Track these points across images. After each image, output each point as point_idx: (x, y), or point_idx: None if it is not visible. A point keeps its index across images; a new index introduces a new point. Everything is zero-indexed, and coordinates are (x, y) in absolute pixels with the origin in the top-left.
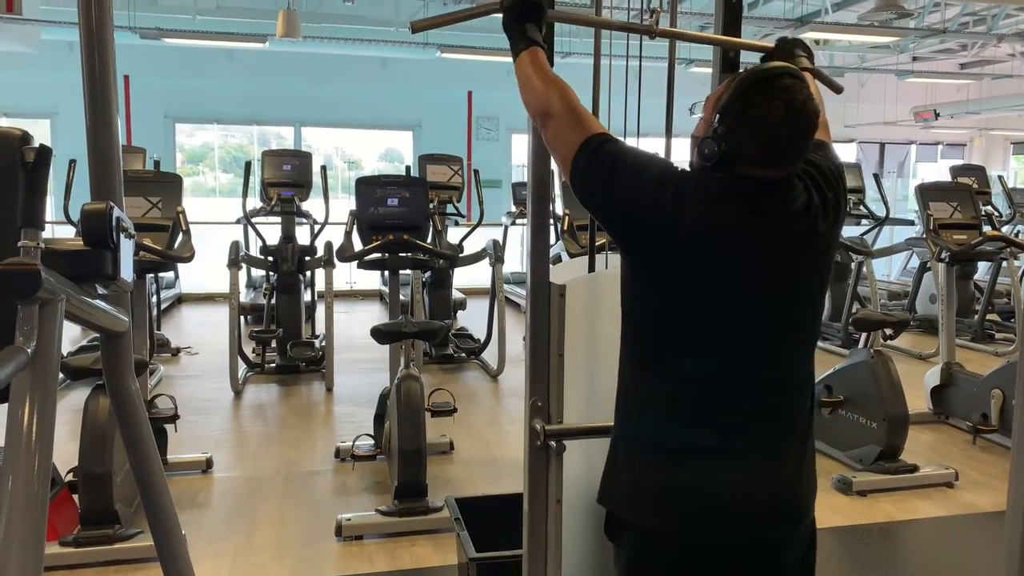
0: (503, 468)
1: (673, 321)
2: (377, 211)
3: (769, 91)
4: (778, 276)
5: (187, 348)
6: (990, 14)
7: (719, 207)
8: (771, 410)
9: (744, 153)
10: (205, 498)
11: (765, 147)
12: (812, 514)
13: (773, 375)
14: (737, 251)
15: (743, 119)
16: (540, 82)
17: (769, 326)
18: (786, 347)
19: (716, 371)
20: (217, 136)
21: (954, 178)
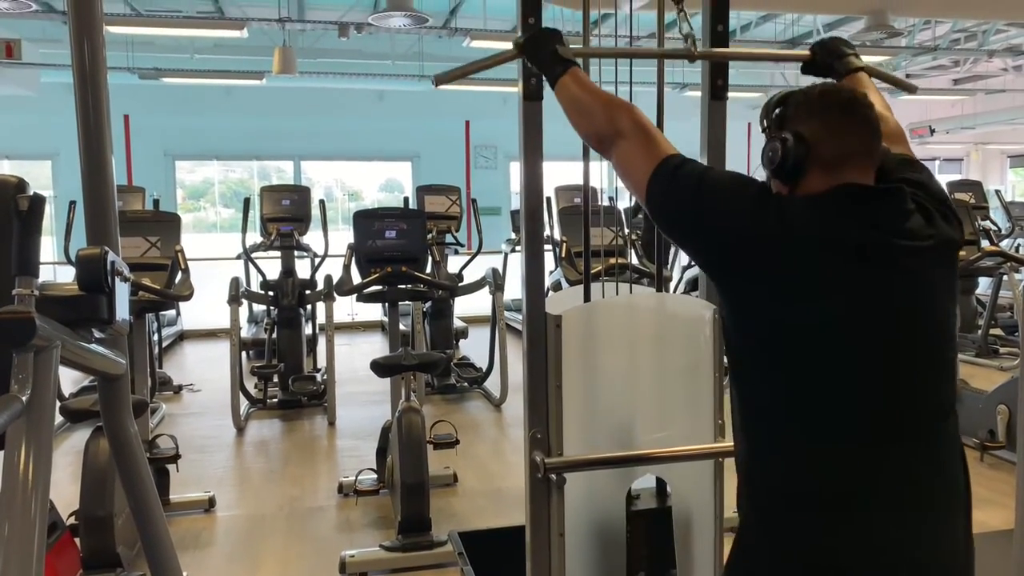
0: (508, 499)
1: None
2: (375, 244)
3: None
4: (911, 300)
5: (189, 385)
6: (980, 30)
7: (827, 219)
8: (934, 458)
9: (814, 139)
10: (208, 537)
11: (842, 122)
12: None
13: (930, 416)
14: (861, 266)
15: (808, 104)
16: (595, 103)
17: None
18: (937, 380)
19: (870, 423)
20: (217, 172)
21: (951, 194)
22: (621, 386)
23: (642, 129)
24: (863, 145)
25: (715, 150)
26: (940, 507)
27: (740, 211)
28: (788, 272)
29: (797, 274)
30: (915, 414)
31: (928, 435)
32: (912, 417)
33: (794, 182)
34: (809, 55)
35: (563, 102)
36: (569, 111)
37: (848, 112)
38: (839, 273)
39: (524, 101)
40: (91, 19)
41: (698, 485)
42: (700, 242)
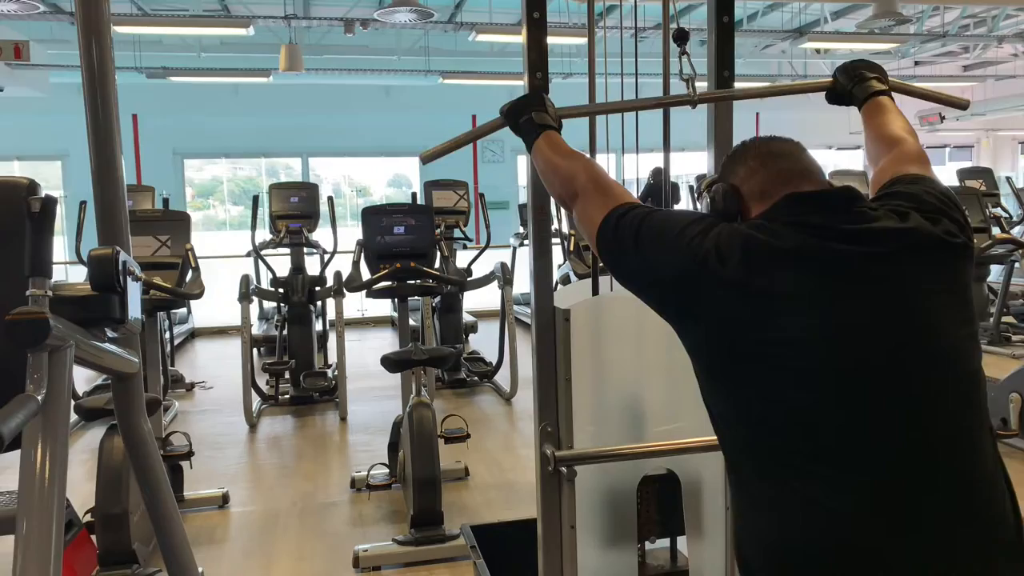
0: (519, 492)
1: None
2: (384, 240)
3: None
4: (873, 311)
5: (201, 383)
6: (990, 16)
7: (768, 229)
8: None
9: (747, 172)
10: (223, 534)
11: (760, 159)
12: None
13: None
14: (811, 276)
15: (732, 158)
16: (561, 161)
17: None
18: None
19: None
20: (226, 170)
21: (961, 181)
22: (630, 379)
23: (595, 184)
24: (792, 166)
25: (722, 142)
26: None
27: (676, 247)
28: (726, 291)
29: (734, 293)
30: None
31: (941, 479)
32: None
33: (743, 218)
34: (830, 83)
35: (537, 166)
36: (541, 174)
37: (764, 151)
38: (792, 286)
39: None
40: (99, 19)
41: (708, 476)
42: (645, 288)
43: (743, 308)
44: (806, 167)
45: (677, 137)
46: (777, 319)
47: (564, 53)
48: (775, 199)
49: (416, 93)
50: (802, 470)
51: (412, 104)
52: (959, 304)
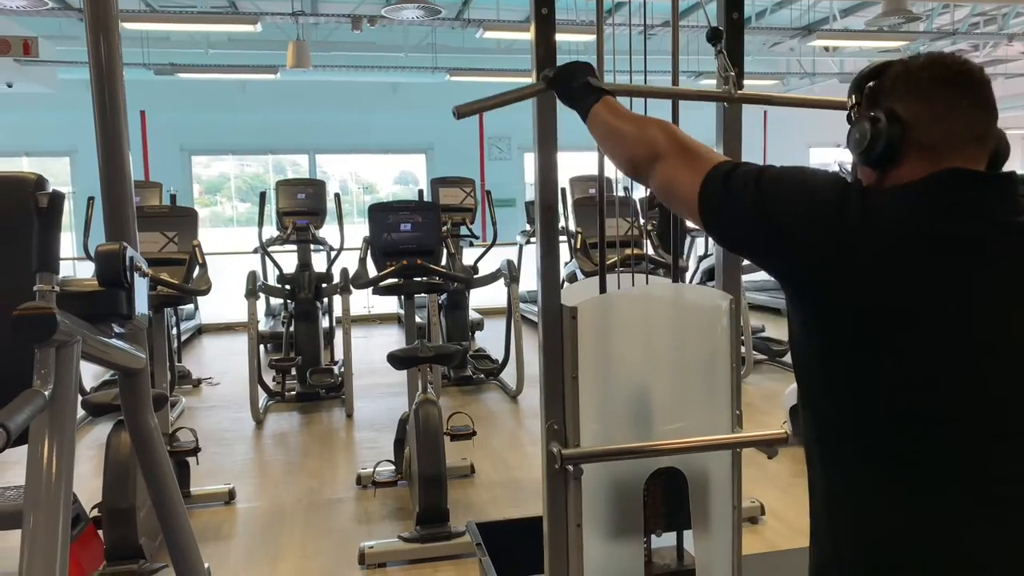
0: (525, 490)
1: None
2: (390, 237)
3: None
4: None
5: (208, 379)
6: (1000, 13)
7: (920, 209)
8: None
9: (911, 120)
10: (229, 529)
11: (949, 103)
12: None
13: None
14: (955, 261)
15: (908, 78)
16: (629, 126)
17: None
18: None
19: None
20: (233, 166)
21: None
22: (638, 377)
23: (680, 145)
24: (972, 129)
25: (731, 141)
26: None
27: (811, 207)
28: (870, 274)
29: (879, 275)
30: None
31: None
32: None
33: (885, 170)
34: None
35: (596, 133)
36: (603, 141)
37: (956, 88)
38: (929, 272)
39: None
40: (107, 16)
41: (716, 475)
42: (767, 254)
43: (866, 285)
44: (980, 130)
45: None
46: (899, 305)
47: (572, 51)
48: (933, 169)
49: (423, 90)
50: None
51: (419, 101)
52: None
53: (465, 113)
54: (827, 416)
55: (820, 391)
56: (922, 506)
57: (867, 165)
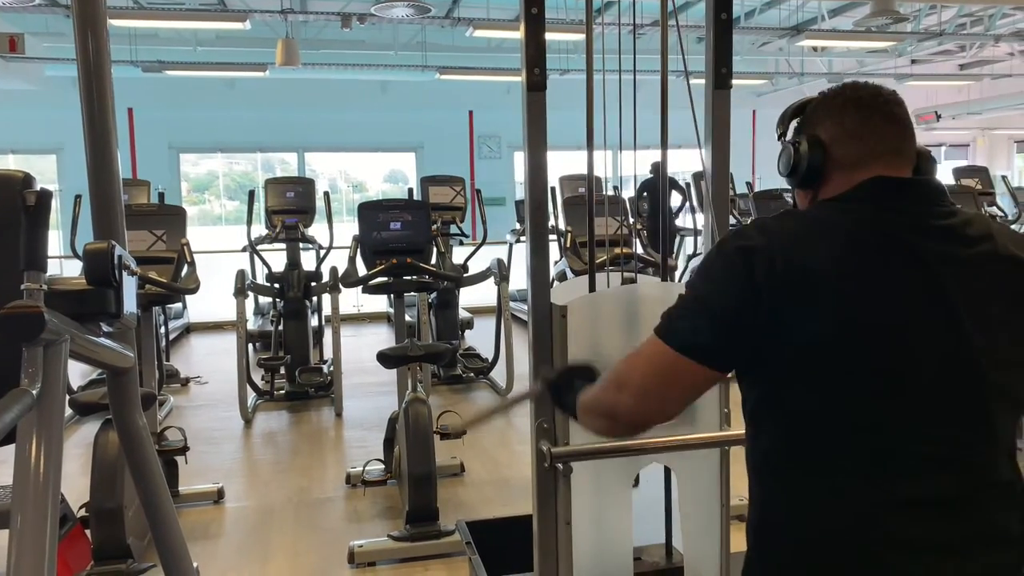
0: (515, 488)
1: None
2: (380, 235)
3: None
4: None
5: (196, 378)
6: (987, 14)
7: (846, 214)
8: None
9: (831, 140)
10: (217, 529)
11: (862, 120)
12: None
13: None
14: (881, 262)
15: (824, 106)
16: (602, 397)
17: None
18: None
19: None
20: (221, 164)
21: (957, 180)
22: None
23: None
24: (887, 143)
25: (719, 139)
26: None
27: (727, 281)
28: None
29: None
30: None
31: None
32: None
33: (815, 189)
34: None
35: (586, 426)
36: (593, 429)
37: (867, 108)
38: (860, 272)
39: (528, 92)
40: (95, 12)
41: (704, 473)
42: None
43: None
44: (896, 144)
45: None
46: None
47: (561, 49)
48: (864, 176)
49: (413, 88)
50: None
51: (409, 99)
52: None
53: (463, 431)
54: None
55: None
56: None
57: (798, 187)
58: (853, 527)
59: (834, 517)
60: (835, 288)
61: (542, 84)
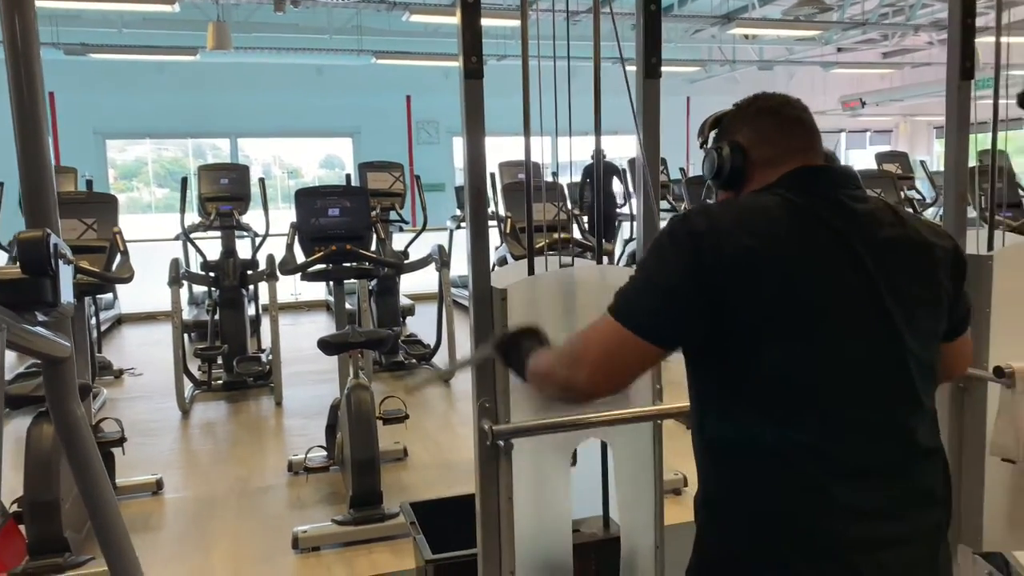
0: (458, 471)
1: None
2: (318, 222)
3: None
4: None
5: (130, 370)
6: (907, 4)
7: (773, 200)
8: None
9: (749, 145)
10: (158, 520)
11: (774, 126)
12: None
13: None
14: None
15: (739, 114)
16: (557, 370)
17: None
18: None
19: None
20: (150, 151)
21: (879, 165)
22: None
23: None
24: (797, 142)
25: (650, 127)
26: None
27: (674, 263)
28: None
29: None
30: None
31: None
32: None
33: (737, 190)
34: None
35: (536, 389)
36: (540, 390)
37: (778, 114)
38: (790, 253)
39: (465, 80)
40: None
41: (638, 447)
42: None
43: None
44: (807, 143)
45: (609, 121)
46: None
47: (499, 35)
48: (784, 170)
49: (349, 73)
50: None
51: (345, 84)
52: (928, 313)
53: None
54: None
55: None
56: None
57: (723, 188)
58: (800, 497)
59: (782, 489)
60: (775, 266)
61: (479, 72)
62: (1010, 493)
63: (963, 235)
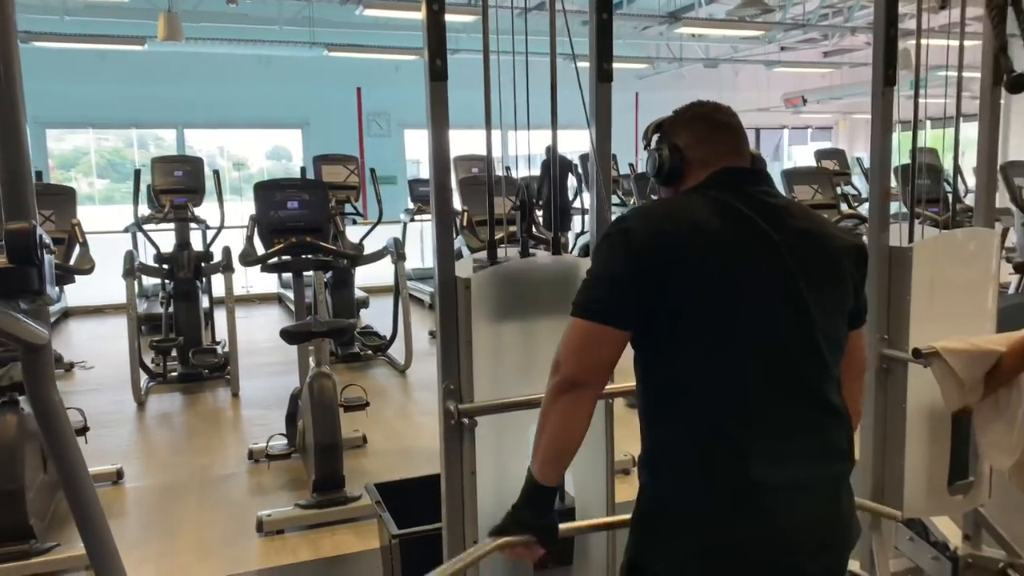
0: (416, 456)
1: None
2: (277, 215)
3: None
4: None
5: (81, 363)
6: (846, 6)
7: (703, 198)
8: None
9: (694, 139)
10: (120, 508)
11: (707, 129)
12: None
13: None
14: (736, 232)
15: (677, 120)
16: (550, 386)
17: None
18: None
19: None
20: (91, 140)
21: (818, 162)
22: (524, 339)
23: (555, 371)
24: (728, 145)
25: (602, 128)
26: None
27: (613, 259)
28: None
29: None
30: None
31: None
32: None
33: (675, 185)
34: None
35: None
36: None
37: (710, 119)
38: (715, 242)
39: (431, 82)
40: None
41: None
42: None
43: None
44: (736, 146)
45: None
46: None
47: (452, 29)
48: (714, 169)
49: (298, 64)
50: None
51: (294, 75)
52: (833, 299)
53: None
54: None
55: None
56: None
57: (663, 185)
58: (728, 451)
59: (708, 444)
60: (702, 254)
61: (444, 74)
62: (928, 464)
63: (887, 229)
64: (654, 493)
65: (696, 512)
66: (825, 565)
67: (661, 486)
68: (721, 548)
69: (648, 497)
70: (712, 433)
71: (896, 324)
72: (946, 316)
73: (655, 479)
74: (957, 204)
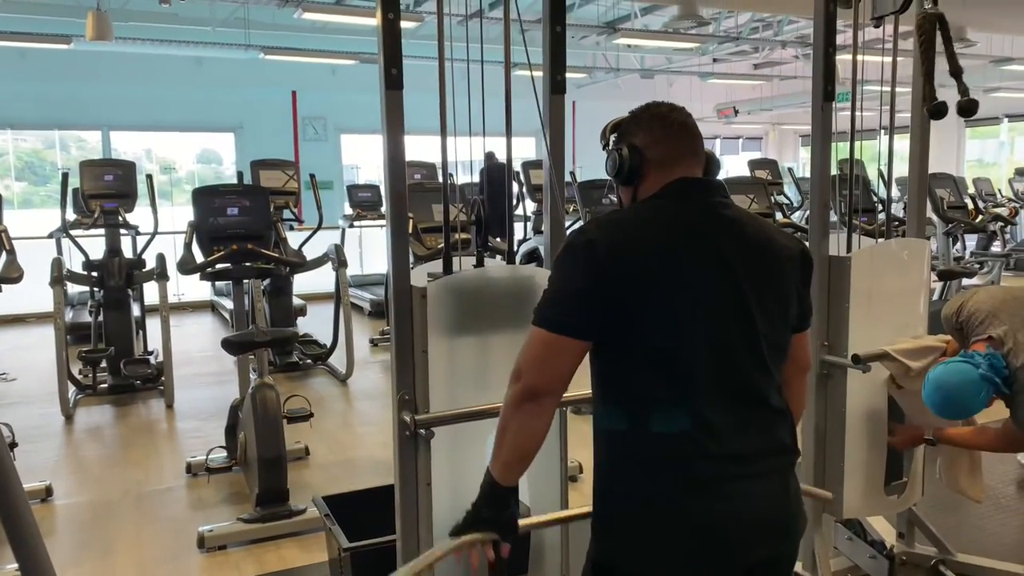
0: (361, 468)
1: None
2: (217, 221)
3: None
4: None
5: (3, 374)
6: (776, 20)
7: (659, 210)
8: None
9: (652, 139)
10: (50, 526)
11: (664, 130)
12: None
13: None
14: (689, 242)
15: (635, 120)
16: (510, 393)
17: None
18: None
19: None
20: (8, 142)
21: (752, 172)
22: (480, 348)
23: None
24: (684, 146)
25: (556, 136)
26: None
27: (572, 274)
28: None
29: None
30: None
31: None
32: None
33: (635, 185)
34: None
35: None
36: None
37: (667, 120)
38: (674, 250)
39: (386, 90)
40: None
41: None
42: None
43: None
44: (692, 146)
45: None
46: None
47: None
48: (667, 180)
49: (231, 66)
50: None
51: (227, 78)
52: (779, 301)
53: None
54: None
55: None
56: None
57: (623, 185)
58: (685, 450)
59: (670, 447)
60: (658, 264)
61: (399, 83)
62: (865, 467)
63: (827, 238)
64: (614, 494)
65: (660, 507)
66: (779, 550)
67: (621, 487)
68: (689, 536)
69: (609, 499)
70: (669, 434)
71: (836, 330)
72: (883, 322)
73: (614, 481)
74: (885, 214)
